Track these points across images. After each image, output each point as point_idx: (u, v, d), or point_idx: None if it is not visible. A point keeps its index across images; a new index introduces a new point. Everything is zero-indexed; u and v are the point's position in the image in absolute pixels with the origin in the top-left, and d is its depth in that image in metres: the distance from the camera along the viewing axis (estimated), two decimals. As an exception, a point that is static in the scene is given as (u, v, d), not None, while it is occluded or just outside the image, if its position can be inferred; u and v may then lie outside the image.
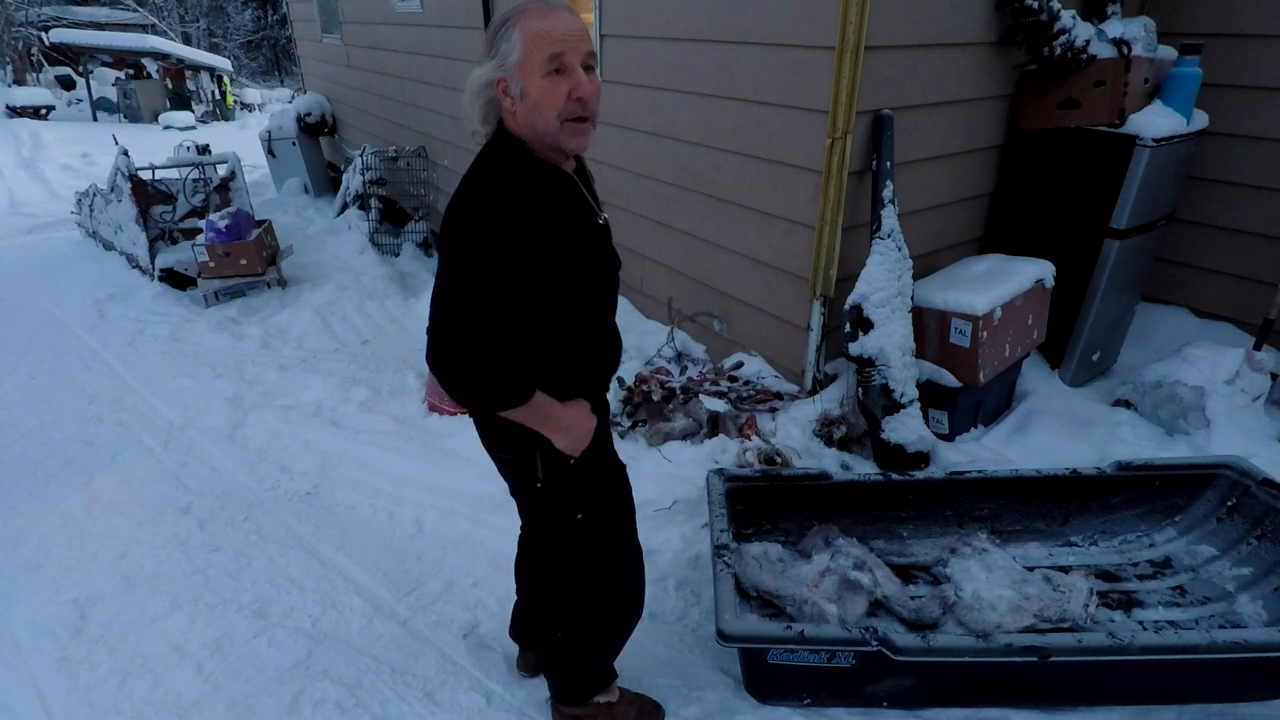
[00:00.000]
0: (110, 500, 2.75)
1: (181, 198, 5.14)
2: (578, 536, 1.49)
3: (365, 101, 6.47)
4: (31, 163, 10.00)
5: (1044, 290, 2.71)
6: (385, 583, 2.29)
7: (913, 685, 1.73)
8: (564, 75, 1.17)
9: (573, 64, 1.18)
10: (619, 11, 3.21)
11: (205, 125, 14.85)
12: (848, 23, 2.21)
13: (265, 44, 26.69)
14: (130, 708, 1.90)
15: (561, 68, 1.17)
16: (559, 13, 1.18)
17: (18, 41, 19.38)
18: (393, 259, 5.23)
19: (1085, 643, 1.60)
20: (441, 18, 4.69)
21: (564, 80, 1.17)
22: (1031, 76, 2.75)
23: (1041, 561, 2.14)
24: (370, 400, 3.39)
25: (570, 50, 1.17)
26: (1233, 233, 2.98)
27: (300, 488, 2.80)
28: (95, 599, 2.26)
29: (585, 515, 1.48)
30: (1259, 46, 2.74)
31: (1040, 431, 2.74)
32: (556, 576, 1.61)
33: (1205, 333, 3.03)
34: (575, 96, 1.18)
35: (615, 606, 1.63)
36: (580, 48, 1.18)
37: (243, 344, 4.05)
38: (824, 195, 2.49)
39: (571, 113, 1.19)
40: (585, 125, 1.23)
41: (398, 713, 1.85)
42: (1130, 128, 2.58)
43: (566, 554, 1.53)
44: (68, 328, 4.30)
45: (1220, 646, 1.57)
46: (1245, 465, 2.12)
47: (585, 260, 1.30)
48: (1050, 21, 2.50)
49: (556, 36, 1.16)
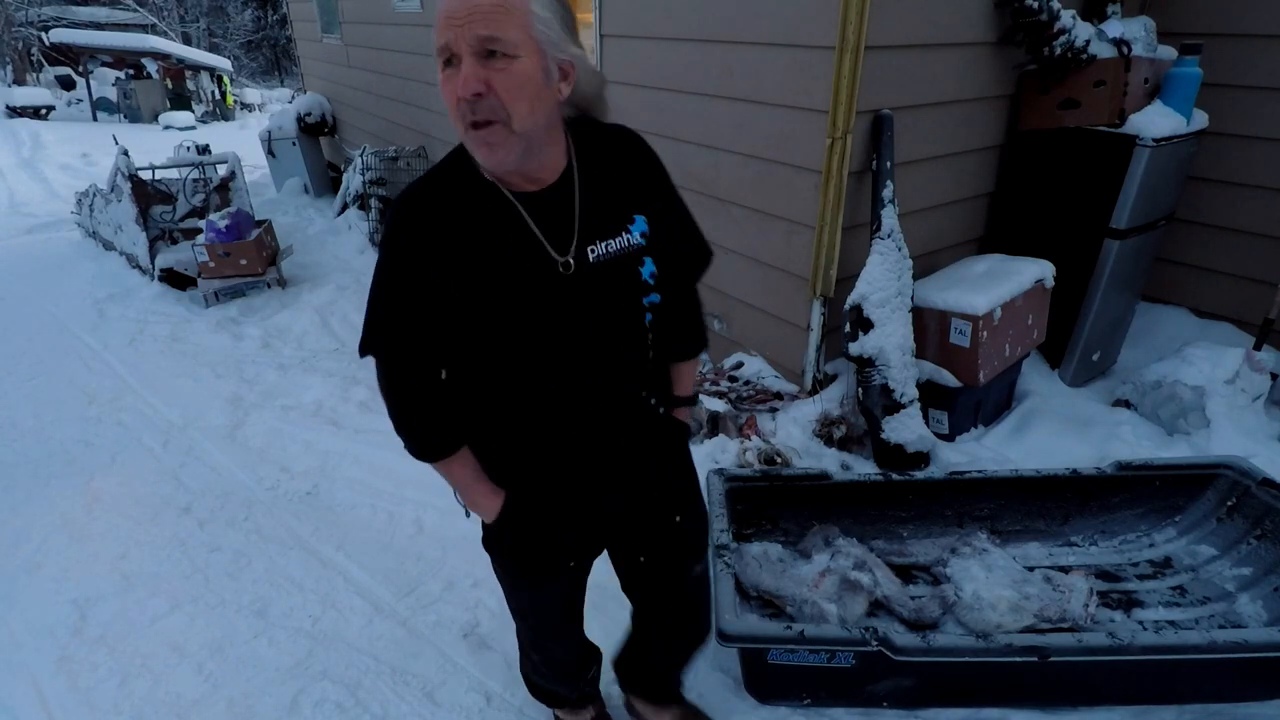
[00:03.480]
0: (110, 500, 2.75)
1: (181, 198, 5.14)
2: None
3: (365, 101, 6.47)
4: (31, 163, 10.00)
5: (1044, 290, 2.71)
6: (385, 583, 2.29)
7: (913, 685, 1.73)
8: (455, 69, 0.92)
9: (461, 53, 0.91)
10: (619, 11, 3.21)
11: (205, 125, 14.84)
12: (848, 23, 2.21)
13: (265, 44, 26.68)
14: (130, 708, 1.90)
15: (451, 59, 0.92)
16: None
17: (18, 41, 19.38)
18: (393, 259, 5.22)
19: (1085, 643, 1.60)
20: (441, 18, 4.69)
21: (455, 76, 0.92)
22: (1031, 76, 2.75)
23: (1041, 561, 2.14)
24: (370, 400, 3.39)
25: (458, 36, 0.90)
26: (1233, 233, 2.98)
27: (300, 488, 2.80)
28: (95, 599, 2.26)
29: (504, 591, 1.42)
30: (1259, 46, 2.74)
31: (1040, 431, 2.74)
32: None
33: (1205, 333, 3.03)
34: (456, 96, 0.93)
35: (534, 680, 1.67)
36: (470, 29, 0.89)
37: (243, 344, 4.05)
38: (824, 195, 2.49)
39: (463, 117, 0.94)
40: (484, 133, 0.94)
41: (398, 713, 1.85)
42: (1130, 128, 2.58)
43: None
44: (68, 328, 4.30)
45: (1220, 646, 1.57)
46: (1245, 465, 2.12)
47: (509, 311, 1.04)
48: (1050, 21, 2.50)
49: (443, 19, 0.91)
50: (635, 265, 1.10)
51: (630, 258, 1.10)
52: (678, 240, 1.20)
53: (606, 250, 1.07)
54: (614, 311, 1.11)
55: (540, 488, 1.22)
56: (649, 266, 1.12)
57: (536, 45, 0.93)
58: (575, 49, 0.99)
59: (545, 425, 1.15)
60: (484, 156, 0.97)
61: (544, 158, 1.03)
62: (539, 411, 1.13)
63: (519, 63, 0.92)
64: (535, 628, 1.49)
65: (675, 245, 1.18)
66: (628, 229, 1.09)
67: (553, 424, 1.15)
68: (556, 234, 1.05)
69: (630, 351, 1.15)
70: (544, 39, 0.94)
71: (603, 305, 1.09)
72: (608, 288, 1.09)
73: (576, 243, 1.05)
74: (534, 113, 0.95)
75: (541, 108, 0.96)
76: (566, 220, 1.05)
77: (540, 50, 0.94)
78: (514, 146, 0.96)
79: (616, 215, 1.09)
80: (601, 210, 1.08)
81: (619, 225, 1.09)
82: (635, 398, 1.19)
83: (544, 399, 1.12)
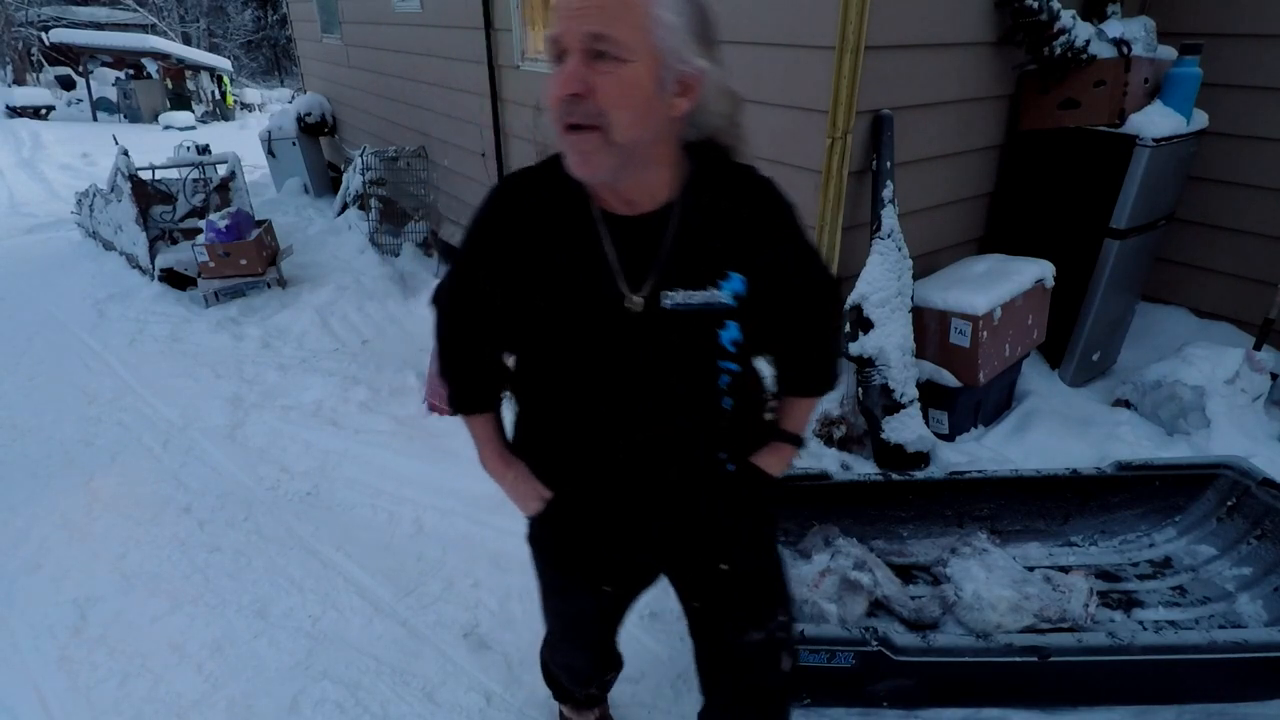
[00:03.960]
0: (110, 500, 2.75)
1: (181, 198, 5.14)
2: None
3: (365, 101, 6.47)
4: (31, 163, 10.00)
5: (1044, 290, 2.71)
6: (385, 583, 2.29)
7: (913, 685, 1.73)
8: (563, 66, 0.85)
9: (570, 48, 0.84)
10: (619, 11, 3.20)
11: (205, 125, 14.85)
12: (847, 23, 2.21)
13: (265, 44, 26.69)
14: (130, 708, 1.90)
15: (560, 54, 0.85)
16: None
17: (18, 41, 19.38)
18: (393, 259, 5.23)
19: (1085, 643, 1.60)
20: (441, 18, 4.69)
21: (561, 72, 0.85)
22: (1031, 76, 2.75)
23: (1041, 561, 2.14)
24: (370, 400, 3.39)
25: (568, 30, 0.83)
26: (1233, 233, 2.98)
27: (300, 488, 2.80)
28: (95, 599, 2.26)
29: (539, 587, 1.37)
30: (1259, 46, 2.74)
31: (1040, 431, 2.74)
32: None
33: (1205, 333, 3.03)
34: (553, 95, 0.86)
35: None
36: (580, 24, 0.82)
37: (243, 344, 4.05)
38: (824, 195, 2.49)
39: (560, 117, 0.86)
40: (578, 138, 0.86)
41: (398, 713, 1.85)
42: (1130, 127, 2.58)
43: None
44: (68, 328, 4.30)
45: (1220, 646, 1.57)
46: (1245, 465, 2.12)
47: (562, 331, 1.00)
48: (1050, 21, 2.50)
49: (557, 9, 0.85)
50: (713, 327, 0.98)
51: (710, 317, 0.97)
52: (797, 294, 1.07)
53: (686, 301, 0.95)
54: (676, 367, 1.00)
55: (578, 495, 1.16)
56: (731, 332, 0.99)
57: (654, 50, 0.83)
58: (703, 62, 0.88)
59: (586, 441, 1.09)
60: (574, 164, 0.89)
61: (643, 180, 0.93)
62: (581, 426, 1.07)
63: (629, 68, 0.83)
64: (558, 633, 1.44)
65: (789, 301, 1.06)
66: (717, 285, 0.96)
67: (593, 443, 1.08)
68: (635, 267, 0.95)
69: (691, 413, 1.04)
70: (664, 45, 0.84)
71: (665, 358, 0.98)
72: (675, 341, 0.98)
73: (653, 284, 0.95)
74: (638, 125, 0.86)
75: (648, 121, 0.87)
76: (650, 256, 0.95)
77: (657, 57, 0.84)
78: (609, 158, 0.87)
79: (710, 266, 0.96)
80: (694, 256, 0.96)
81: (708, 278, 0.96)
82: (695, 454, 1.09)
83: (586, 421, 1.06)
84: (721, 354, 1.00)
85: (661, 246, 0.95)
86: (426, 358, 3.43)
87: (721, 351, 1.00)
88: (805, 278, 1.08)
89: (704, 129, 0.96)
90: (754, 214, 0.99)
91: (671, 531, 1.17)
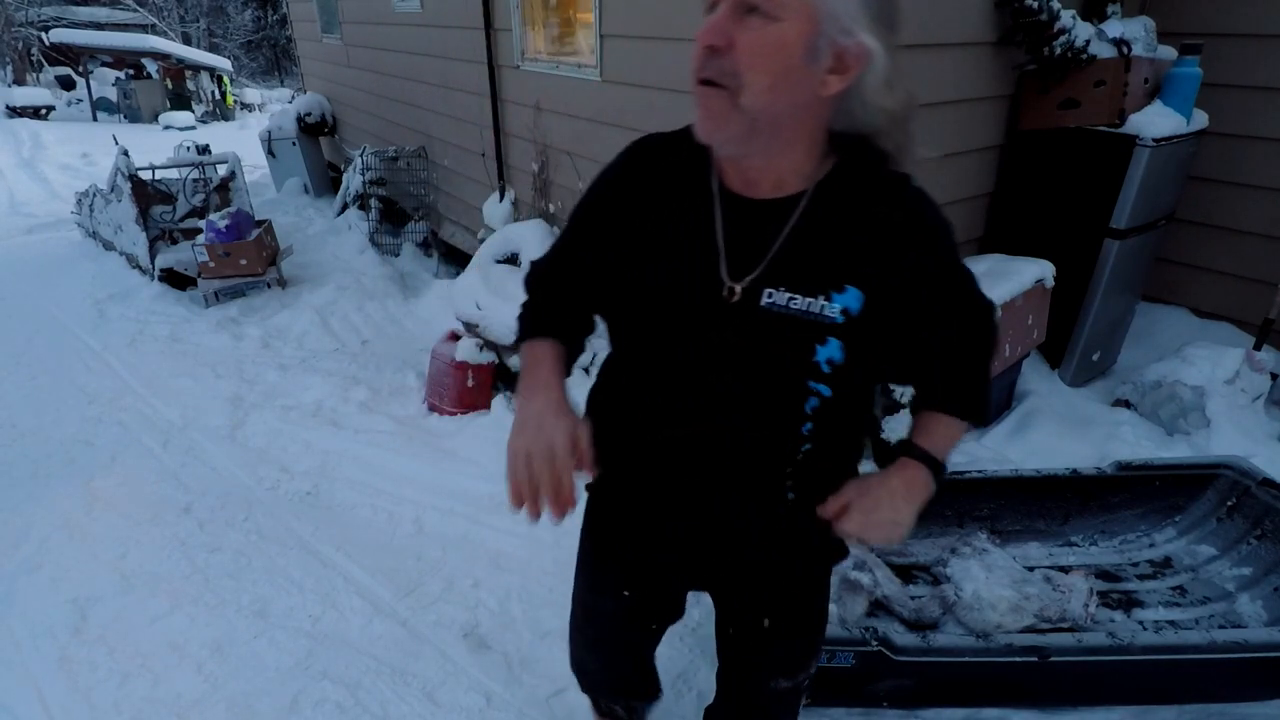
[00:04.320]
0: (110, 500, 2.75)
1: (181, 198, 5.14)
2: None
3: (365, 101, 6.47)
4: (31, 163, 9.99)
5: (1044, 290, 2.71)
6: (385, 583, 2.29)
7: (913, 685, 1.73)
8: (709, 15, 0.78)
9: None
10: (619, 11, 3.20)
11: (205, 125, 14.84)
12: (848, 23, 2.21)
13: (265, 44, 26.69)
14: (130, 708, 1.90)
15: (713, 4, 0.78)
16: None
17: (18, 41, 19.38)
18: (393, 259, 5.23)
19: (1085, 643, 1.60)
20: (441, 18, 4.69)
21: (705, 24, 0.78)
22: (1031, 76, 2.75)
23: (1041, 561, 2.14)
24: (370, 400, 3.39)
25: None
26: (1233, 233, 2.98)
27: (300, 488, 2.80)
28: (95, 599, 2.26)
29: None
30: (1259, 46, 2.74)
31: (1040, 431, 2.74)
32: None
33: (1205, 333, 3.03)
34: (695, 46, 0.78)
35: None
36: None
37: (243, 344, 4.05)
38: (824, 195, 2.48)
39: (695, 70, 0.79)
40: (705, 93, 0.79)
41: (398, 713, 1.85)
42: (1130, 128, 2.58)
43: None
44: (68, 328, 4.30)
45: (1220, 646, 1.57)
46: (1245, 465, 2.12)
47: (647, 304, 0.92)
48: (1050, 21, 2.50)
49: None
50: (811, 340, 0.85)
51: (808, 328, 0.85)
52: (938, 323, 0.93)
53: (786, 304, 0.85)
54: (758, 374, 0.88)
55: (626, 473, 1.06)
56: (831, 351, 0.85)
57: (811, 11, 0.74)
58: (871, 40, 0.76)
59: (645, 420, 0.99)
60: (698, 124, 0.82)
61: (772, 161, 0.84)
62: (645, 404, 0.97)
63: (777, 27, 0.74)
64: (576, 618, 1.35)
65: (924, 330, 0.93)
66: (828, 295, 0.84)
67: (651, 424, 0.98)
68: (741, 255, 0.87)
69: (762, 427, 0.92)
70: (825, 8, 0.74)
71: (748, 360, 0.87)
72: (765, 346, 0.87)
73: (756, 277, 0.86)
74: (772, 92, 0.77)
75: (787, 91, 0.77)
76: (761, 247, 0.86)
77: (814, 19, 0.74)
78: (734, 124, 0.79)
79: (825, 274, 0.85)
80: (809, 258, 0.85)
81: (819, 285, 0.85)
82: (756, 472, 0.97)
83: (650, 400, 0.96)
84: (814, 373, 0.87)
85: (776, 238, 0.85)
86: (426, 358, 3.43)
87: (814, 371, 0.86)
88: (950, 304, 0.93)
89: (861, 124, 0.84)
90: (893, 225, 0.86)
91: (703, 541, 1.06)
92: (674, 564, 1.13)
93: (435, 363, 3.30)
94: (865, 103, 0.81)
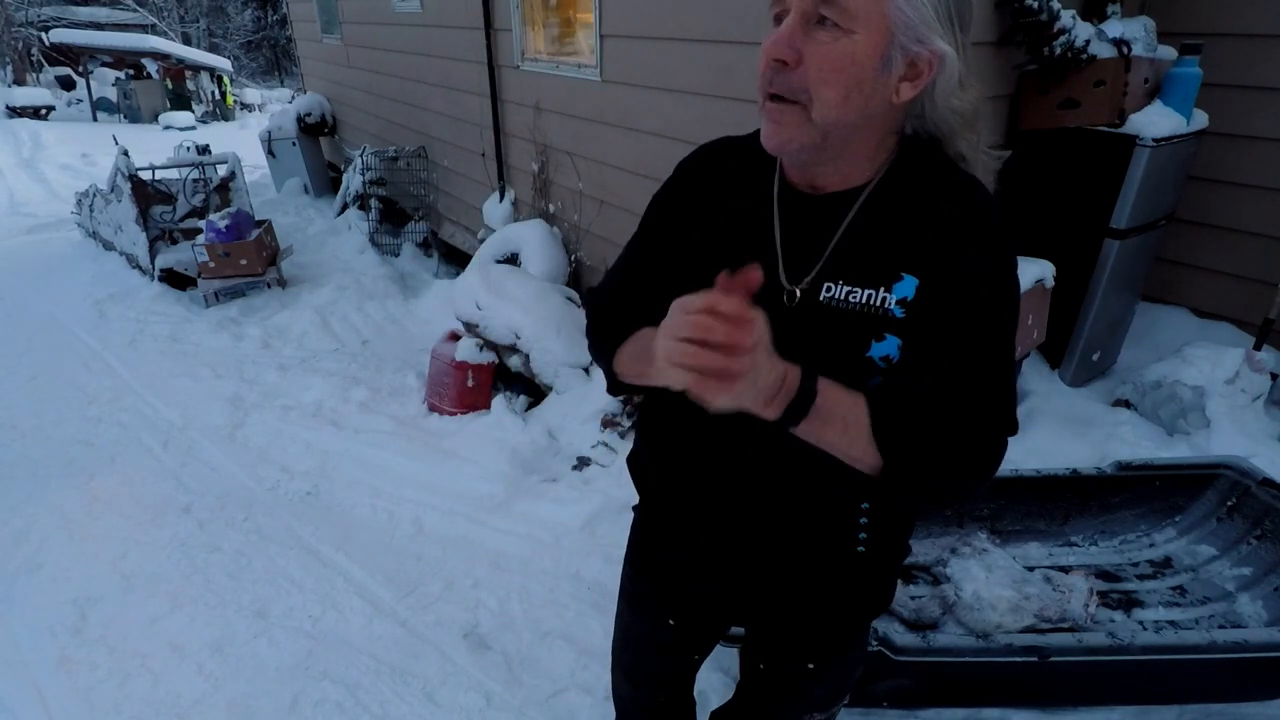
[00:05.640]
0: (110, 500, 2.75)
1: (181, 198, 5.14)
2: None
3: (365, 102, 6.47)
4: (31, 163, 10.00)
5: (1044, 290, 2.71)
6: (385, 583, 2.29)
7: (912, 685, 1.73)
8: (778, 27, 0.77)
9: (791, 6, 0.74)
10: (619, 11, 3.21)
11: (205, 125, 14.85)
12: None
13: (265, 44, 26.69)
14: (130, 708, 1.90)
15: (781, 14, 0.76)
16: None
17: (18, 42, 19.37)
18: (393, 259, 5.23)
19: (1085, 643, 1.60)
20: (441, 18, 4.69)
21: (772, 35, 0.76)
22: (1031, 76, 2.75)
23: (1041, 561, 2.14)
24: (370, 400, 3.39)
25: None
26: (1233, 233, 2.98)
27: (300, 488, 2.80)
28: (95, 599, 2.26)
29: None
30: (1259, 46, 2.74)
31: (1040, 431, 2.74)
32: None
33: (1205, 333, 3.03)
34: (761, 57, 0.77)
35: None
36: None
37: (243, 344, 4.05)
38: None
39: (763, 86, 0.78)
40: (775, 109, 0.77)
41: (398, 713, 1.85)
42: (1130, 128, 2.58)
43: None
44: (68, 328, 4.30)
45: (1220, 646, 1.57)
46: (1245, 465, 2.12)
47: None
48: (1050, 21, 2.50)
49: None
50: (869, 336, 0.81)
51: (868, 322, 0.80)
52: (958, 346, 0.80)
53: (846, 298, 0.81)
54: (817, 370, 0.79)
55: (673, 496, 1.04)
56: (887, 347, 0.80)
57: (886, 22, 0.72)
58: (945, 45, 0.74)
59: (697, 438, 0.94)
60: (767, 134, 0.80)
61: (837, 167, 0.82)
62: (696, 422, 0.84)
63: (850, 40, 0.72)
64: (617, 643, 1.31)
65: (950, 352, 0.80)
66: (887, 286, 0.80)
67: (702, 443, 0.94)
68: (800, 255, 0.84)
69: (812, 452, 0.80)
70: (900, 17, 0.72)
71: (806, 359, 0.76)
72: (821, 345, 0.82)
73: (816, 272, 0.83)
74: (846, 104, 0.75)
75: (858, 102, 0.75)
76: (820, 243, 0.83)
77: (889, 30, 0.72)
78: (805, 137, 0.77)
79: (884, 262, 0.81)
80: (869, 248, 0.82)
81: (879, 276, 0.81)
82: (816, 499, 0.91)
83: (701, 417, 0.79)
84: (870, 370, 0.81)
85: (835, 232, 0.83)
86: (426, 358, 3.43)
87: (870, 367, 0.81)
88: (978, 342, 0.81)
89: (930, 126, 0.83)
90: (958, 223, 0.81)
91: (757, 578, 1.01)
92: (719, 596, 1.09)
93: (435, 363, 3.30)
94: (936, 106, 0.80)
